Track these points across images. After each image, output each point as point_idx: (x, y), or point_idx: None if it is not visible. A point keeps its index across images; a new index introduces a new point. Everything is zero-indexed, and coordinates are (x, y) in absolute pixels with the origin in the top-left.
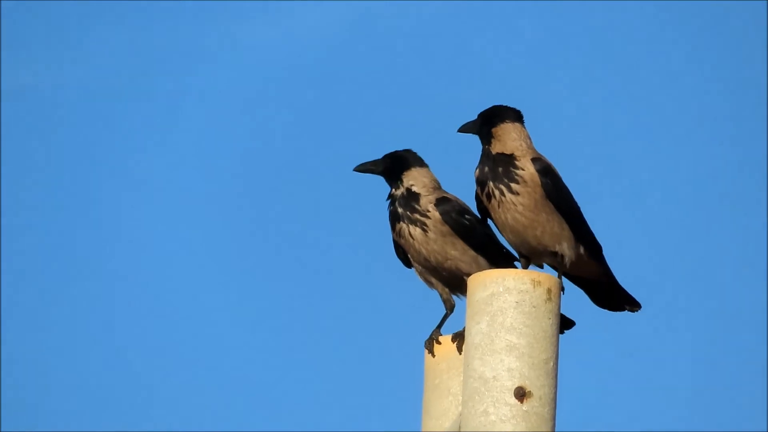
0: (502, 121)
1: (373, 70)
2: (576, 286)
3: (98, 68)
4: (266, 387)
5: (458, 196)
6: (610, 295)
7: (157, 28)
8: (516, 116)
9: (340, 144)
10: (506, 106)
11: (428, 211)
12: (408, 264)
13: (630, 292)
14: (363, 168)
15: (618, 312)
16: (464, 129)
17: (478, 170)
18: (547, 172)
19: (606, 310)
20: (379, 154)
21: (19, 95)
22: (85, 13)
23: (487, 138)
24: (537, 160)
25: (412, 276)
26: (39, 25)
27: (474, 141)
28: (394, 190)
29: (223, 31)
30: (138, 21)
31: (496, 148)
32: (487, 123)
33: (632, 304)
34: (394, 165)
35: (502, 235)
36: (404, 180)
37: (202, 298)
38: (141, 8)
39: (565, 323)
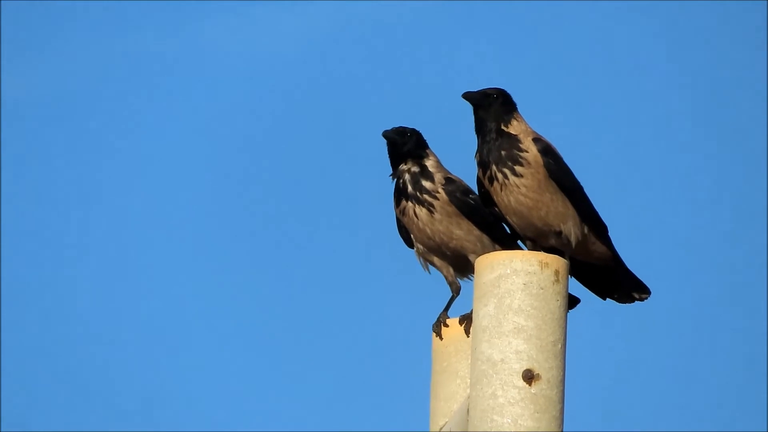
0: (516, 108)
1: (355, 71)
2: (582, 285)
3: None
4: (268, 380)
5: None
6: (618, 281)
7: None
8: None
9: (316, 146)
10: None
11: (437, 192)
12: (410, 243)
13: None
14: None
15: (627, 304)
16: (470, 98)
17: (478, 154)
18: (548, 151)
19: (614, 302)
20: (358, 155)
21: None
22: (65, 15)
23: (504, 119)
24: (537, 140)
25: (414, 258)
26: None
27: (453, 136)
28: (404, 165)
29: (208, 31)
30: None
31: (508, 129)
32: (506, 103)
33: (641, 291)
34: (419, 140)
35: (506, 218)
36: (423, 156)
37: (201, 297)
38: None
39: (570, 301)
